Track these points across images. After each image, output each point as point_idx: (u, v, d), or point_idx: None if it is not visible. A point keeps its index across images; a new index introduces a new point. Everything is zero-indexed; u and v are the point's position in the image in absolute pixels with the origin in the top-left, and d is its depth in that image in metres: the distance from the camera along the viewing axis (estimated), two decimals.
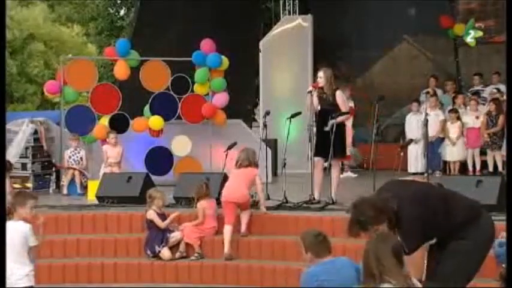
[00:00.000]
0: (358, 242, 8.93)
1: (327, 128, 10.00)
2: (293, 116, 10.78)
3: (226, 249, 9.45)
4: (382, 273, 4.18)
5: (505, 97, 14.17)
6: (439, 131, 14.11)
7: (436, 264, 5.04)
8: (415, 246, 4.90)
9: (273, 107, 13.40)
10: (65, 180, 12.61)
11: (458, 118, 14.06)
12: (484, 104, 14.45)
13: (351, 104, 14.37)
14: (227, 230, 9.51)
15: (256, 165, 9.95)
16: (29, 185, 12.65)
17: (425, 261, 5.13)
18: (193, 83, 13.41)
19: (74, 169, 12.57)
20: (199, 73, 13.29)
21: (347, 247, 8.86)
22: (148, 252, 9.68)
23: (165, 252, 9.59)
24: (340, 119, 10.12)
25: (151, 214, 9.73)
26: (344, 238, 9.19)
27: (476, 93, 14.93)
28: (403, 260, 4.28)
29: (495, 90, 14.54)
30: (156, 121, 13.18)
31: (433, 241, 5.03)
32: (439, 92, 15.46)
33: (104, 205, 10.91)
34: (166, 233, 9.70)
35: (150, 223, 9.75)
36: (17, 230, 6.24)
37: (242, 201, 9.70)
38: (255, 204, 9.99)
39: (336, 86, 10.37)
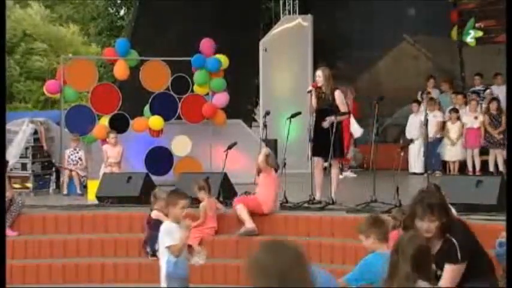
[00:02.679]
0: (357, 242, 8.98)
1: (325, 124, 9.95)
2: (293, 116, 10.74)
3: (250, 223, 9.44)
4: (393, 276, 4.13)
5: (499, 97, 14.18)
6: (437, 132, 14.11)
7: None
8: (469, 256, 5.01)
9: (273, 107, 13.40)
10: (63, 181, 12.60)
11: (459, 118, 14.06)
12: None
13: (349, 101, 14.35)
14: (241, 207, 9.54)
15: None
16: (29, 185, 12.63)
17: None
18: (193, 83, 13.41)
19: (71, 170, 12.55)
20: (198, 75, 13.28)
21: (347, 247, 8.88)
22: (149, 250, 9.63)
23: None
24: (339, 118, 10.09)
25: (156, 214, 9.70)
26: (344, 238, 9.28)
27: (476, 93, 14.91)
28: (426, 266, 4.20)
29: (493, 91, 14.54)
30: (156, 121, 13.17)
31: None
32: (436, 92, 15.45)
33: (104, 205, 10.89)
34: None
35: (154, 222, 9.71)
36: (161, 229, 6.51)
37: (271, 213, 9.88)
38: None
39: (335, 86, 10.30)
